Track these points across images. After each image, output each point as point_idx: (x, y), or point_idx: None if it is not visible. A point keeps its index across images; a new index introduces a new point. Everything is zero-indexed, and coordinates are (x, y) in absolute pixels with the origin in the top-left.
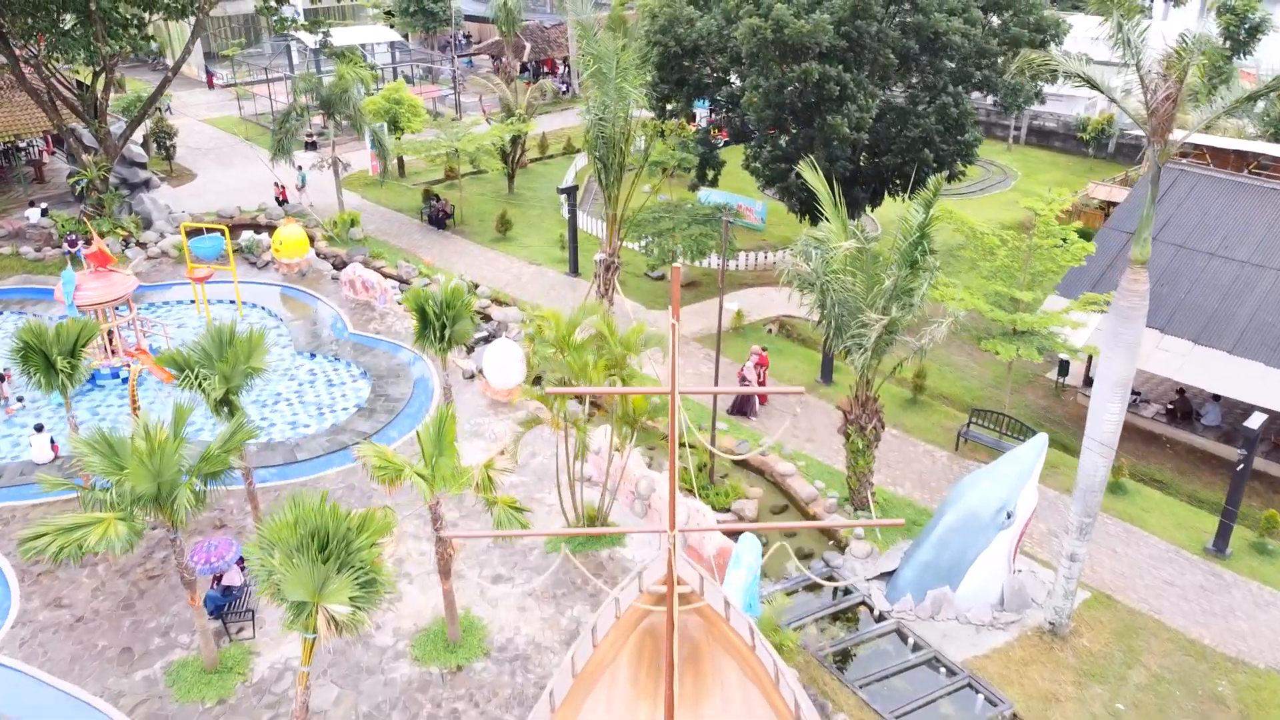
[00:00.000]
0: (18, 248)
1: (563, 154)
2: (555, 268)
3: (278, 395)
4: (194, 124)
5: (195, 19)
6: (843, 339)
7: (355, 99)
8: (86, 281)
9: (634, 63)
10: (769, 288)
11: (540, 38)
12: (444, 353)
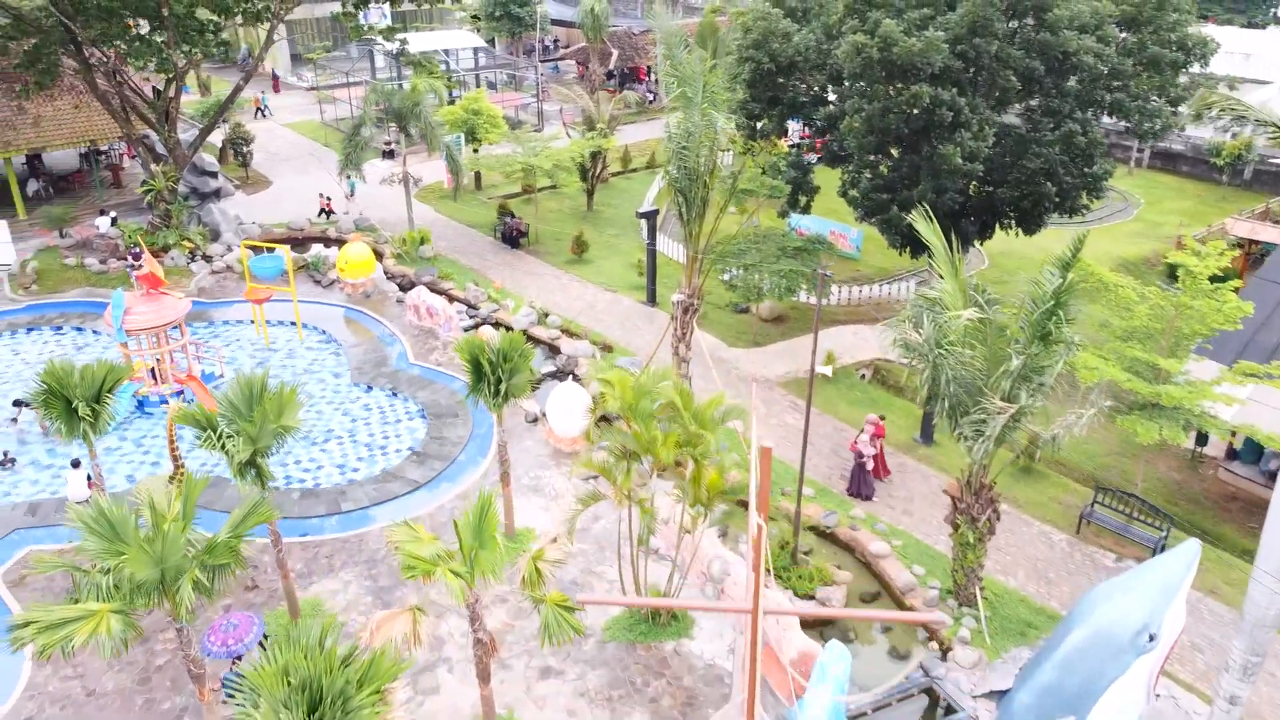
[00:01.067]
0: (83, 258)
1: (646, 169)
2: (632, 295)
3: (329, 432)
4: (275, 128)
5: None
6: (957, 421)
7: (427, 112)
8: (136, 305)
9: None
10: (862, 325)
11: (628, 44)
12: (499, 408)
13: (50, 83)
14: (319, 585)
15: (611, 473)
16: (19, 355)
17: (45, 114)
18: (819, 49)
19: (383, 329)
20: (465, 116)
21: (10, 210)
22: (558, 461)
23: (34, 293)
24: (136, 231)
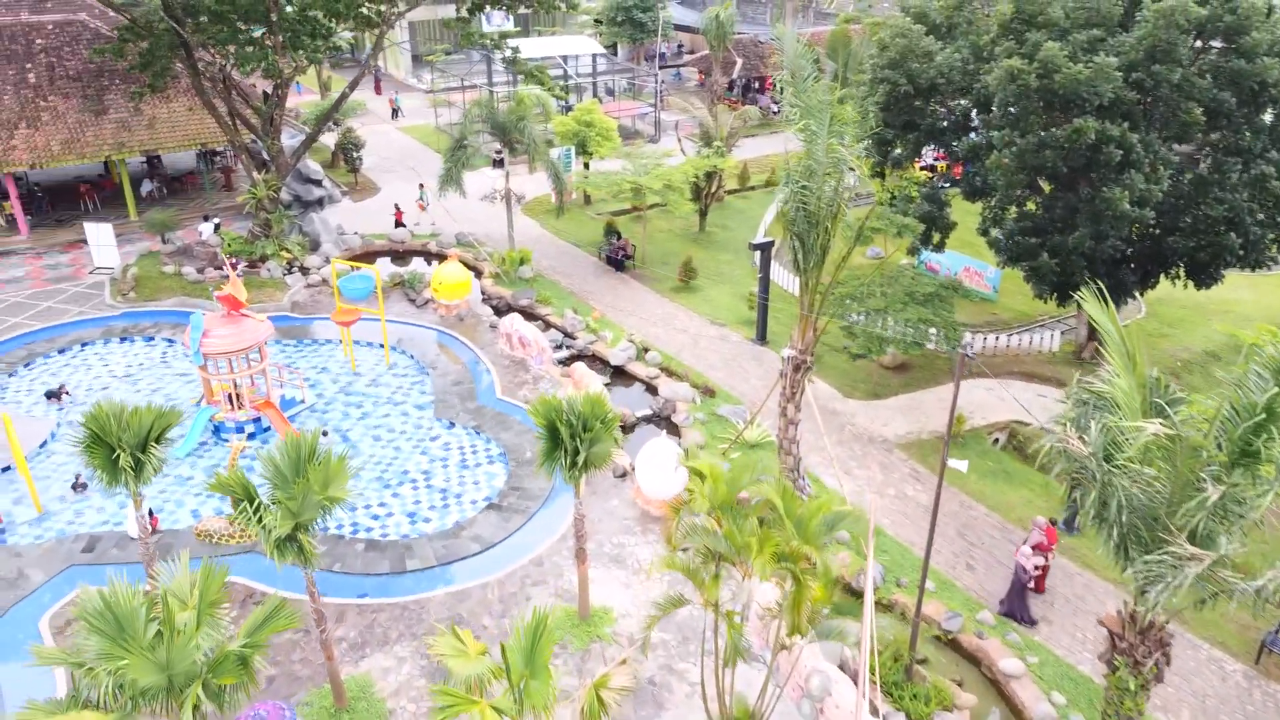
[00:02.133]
0: (181, 265)
1: (765, 187)
2: (741, 331)
3: (404, 474)
4: (389, 132)
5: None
6: (1128, 556)
7: (531, 128)
8: (214, 327)
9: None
10: (998, 379)
11: (753, 53)
12: (576, 480)
13: (163, 86)
14: (371, 660)
15: (698, 576)
16: (107, 366)
17: (160, 116)
18: (965, 70)
19: (473, 356)
20: (577, 128)
21: (123, 210)
22: (645, 527)
23: (131, 300)
24: (235, 240)
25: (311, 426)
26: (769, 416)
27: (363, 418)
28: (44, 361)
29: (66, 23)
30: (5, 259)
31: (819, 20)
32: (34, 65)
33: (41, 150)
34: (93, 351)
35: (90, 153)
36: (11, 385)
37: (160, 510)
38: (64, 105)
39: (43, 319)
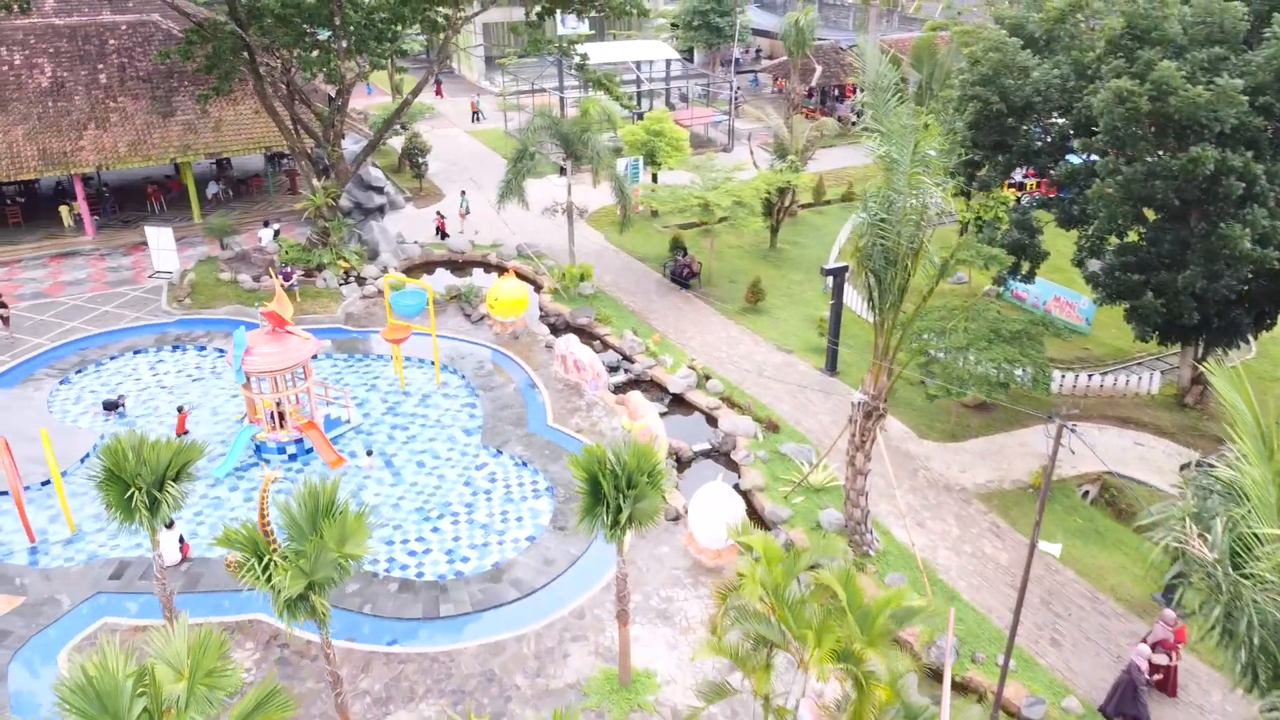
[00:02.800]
0: (237, 273)
1: (841, 201)
2: (809, 359)
3: (446, 505)
4: (458, 136)
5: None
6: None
7: (596, 140)
8: (258, 344)
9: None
10: (1090, 423)
11: (834, 60)
12: (619, 539)
13: (229, 89)
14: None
15: (747, 664)
16: (156, 377)
17: (227, 118)
18: (1064, 89)
19: (526, 378)
20: (645, 138)
21: (188, 212)
22: (696, 579)
23: (187, 306)
24: (293, 248)
25: (355, 449)
26: (837, 457)
27: (408, 441)
28: (95, 369)
29: (140, 23)
30: (70, 260)
31: (904, 26)
32: (106, 66)
33: (108, 151)
34: (144, 360)
35: (156, 155)
36: (62, 393)
37: (194, 536)
38: (133, 106)
39: (99, 324)
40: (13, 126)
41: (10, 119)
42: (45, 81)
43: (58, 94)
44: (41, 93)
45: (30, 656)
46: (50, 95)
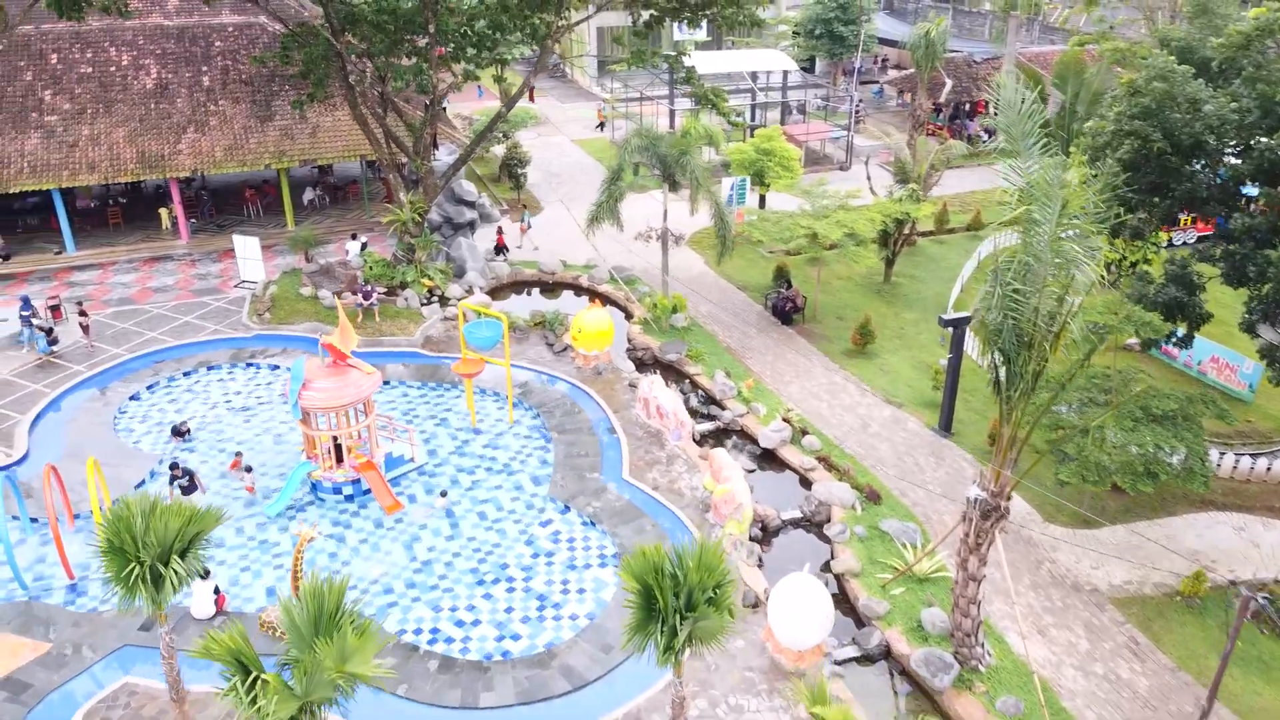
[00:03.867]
0: (319, 288)
1: (966, 231)
2: (921, 414)
3: (503, 568)
4: (564, 145)
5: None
6: None
7: (695, 166)
8: (316, 377)
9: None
10: (1250, 514)
11: (966, 74)
12: (677, 663)
13: (324, 95)
14: None
15: None
16: (226, 396)
17: (324, 124)
18: (1243, 126)
19: (604, 420)
20: (754, 157)
21: (283, 218)
22: (773, 684)
23: (266, 321)
24: (378, 263)
25: (416, 492)
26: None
27: (473, 487)
28: (167, 385)
29: (246, 25)
30: (161, 264)
31: (1045, 37)
32: (210, 68)
33: (205, 155)
34: (217, 377)
35: (251, 160)
36: (130, 410)
37: (235, 583)
38: (233, 110)
39: (178, 335)
40: (115, 128)
41: (113, 120)
42: (150, 83)
43: (161, 96)
44: (146, 94)
45: (45, 716)
46: (154, 97)
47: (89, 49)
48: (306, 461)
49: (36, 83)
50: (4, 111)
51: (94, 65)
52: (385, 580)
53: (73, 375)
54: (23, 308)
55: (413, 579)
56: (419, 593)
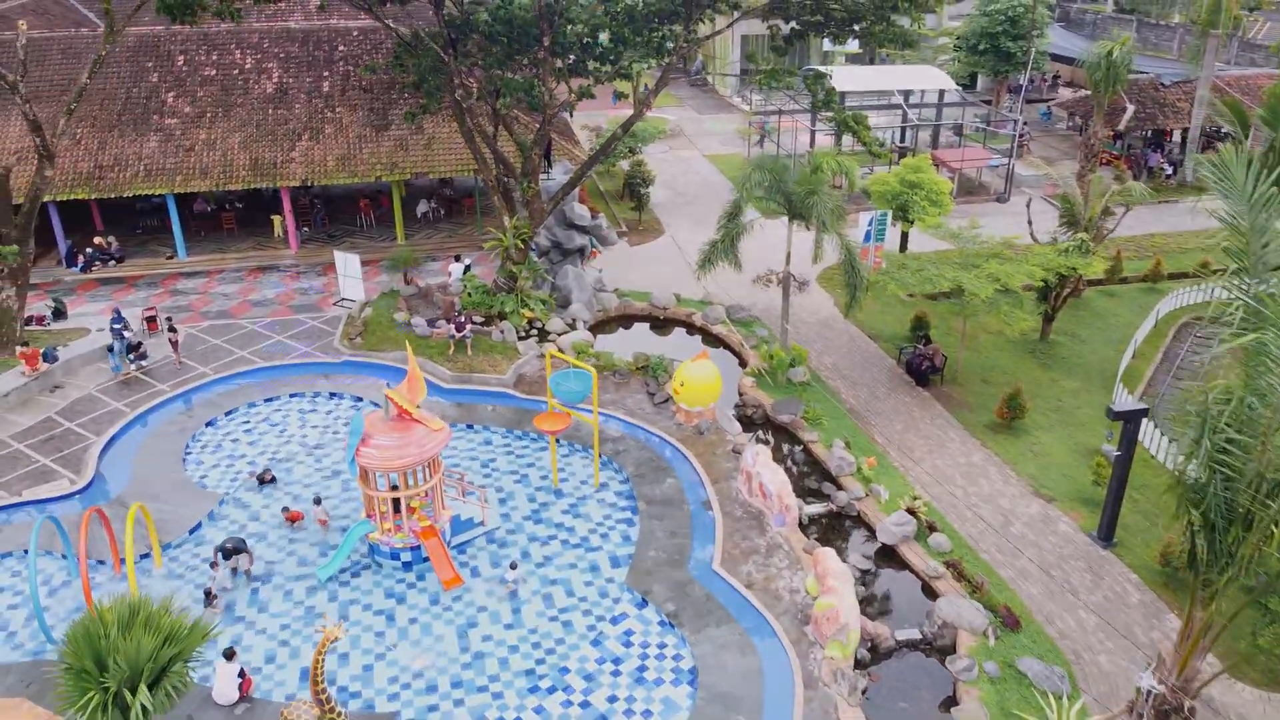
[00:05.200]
0: (414, 313)
1: (1143, 282)
2: (1077, 513)
3: (563, 673)
4: (695, 160)
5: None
6: None
7: (823, 208)
8: (377, 433)
9: None
10: None
11: (1151, 99)
12: None
13: (437, 107)
14: None
15: None
16: (303, 430)
17: (440, 136)
18: None
19: (700, 490)
20: (898, 189)
21: (392, 232)
22: None
23: (357, 346)
24: (478, 289)
25: (479, 563)
26: (1112, 695)
27: (544, 563)
28: (246, 411)
29: (371, 30)
30: (266, 275)
31: (1245, 55)
32: (331, 73)
33: (317, 165)
34: (298, 406)
35: (363, 171)
36: (204, 437)
37: (271, 658)
38: (349, 118)
39: (268, 355)
40: (231, 133)
41: (230, 125)
42: (270, 87)
43: (279, 101)
44: (265, 99)
45: None
46: (272, 102)
47: (215, 51)
48: (365, 521)
49: (161, 84)
50: (128, 113)
51: (218, 68)
52: (430, 674)
53: (155, 394)
54: (114, 320)
55: (460, 675)
56: (464, 693)
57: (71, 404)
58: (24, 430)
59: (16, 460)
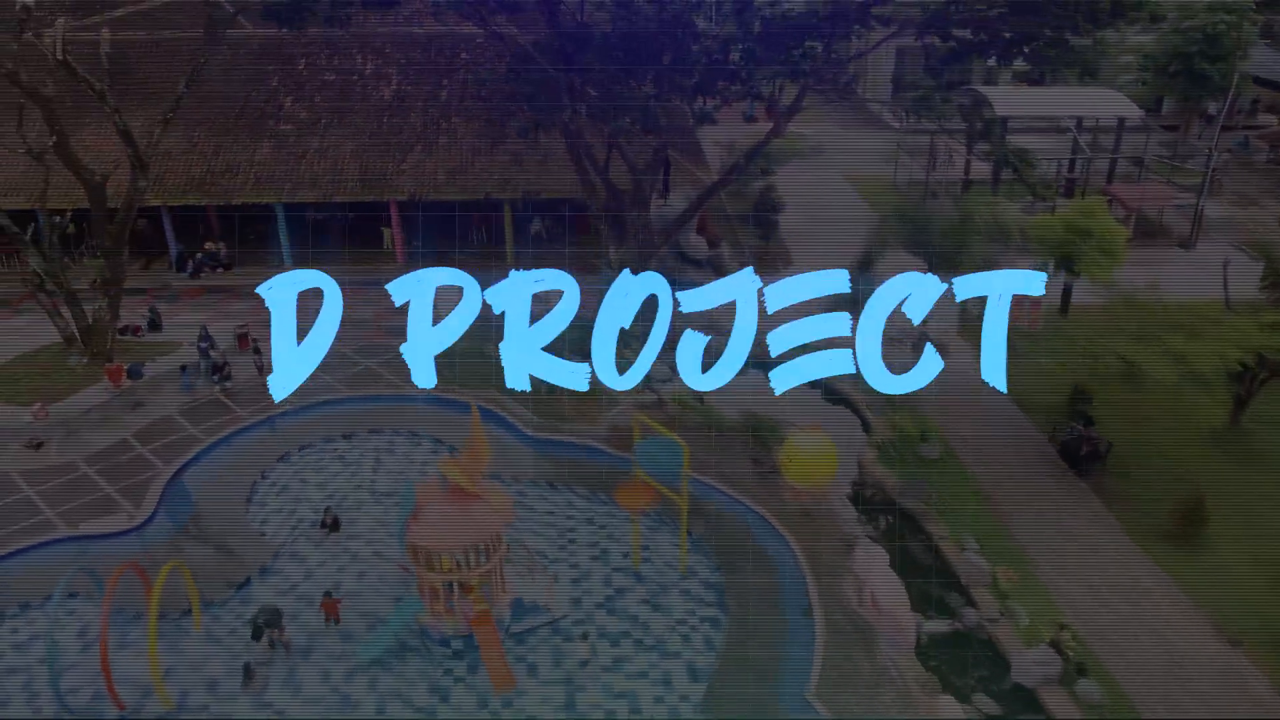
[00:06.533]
0: None
1: None
2: (1268, 666)
3: None
4: (835, 182)
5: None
6: None
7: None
8: (428, 508)
9: None
10: None
11: None
12: None
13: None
14: None
15: None
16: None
17: (557, 153)
18: None
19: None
20: (1064, 236)
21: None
22: None
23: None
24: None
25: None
26: None
27: (612, 666)
28: (321, 446)
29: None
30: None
31: None
32: (450, 82)
33: (427, 179)
34: (372, 446)
35: (473, 188)
36: (274, 474)
37: None
38: (464, 129)
39: (354, 384)
40: (344, 142)
41: (343, 133)
42: (388, 94)
43: (395, 110)
44: (381, 107)
45: None
46: (388, 110)
47: (336, 55)
48: (413, 601)
49: (280, 88)
50: (245, 117)
51: (338, 73)
52: None
53: (233, 420)
54: (200, 339)
55: None
56: None
57: (149, 425)
58: (97, 452)
59: (82, 486)
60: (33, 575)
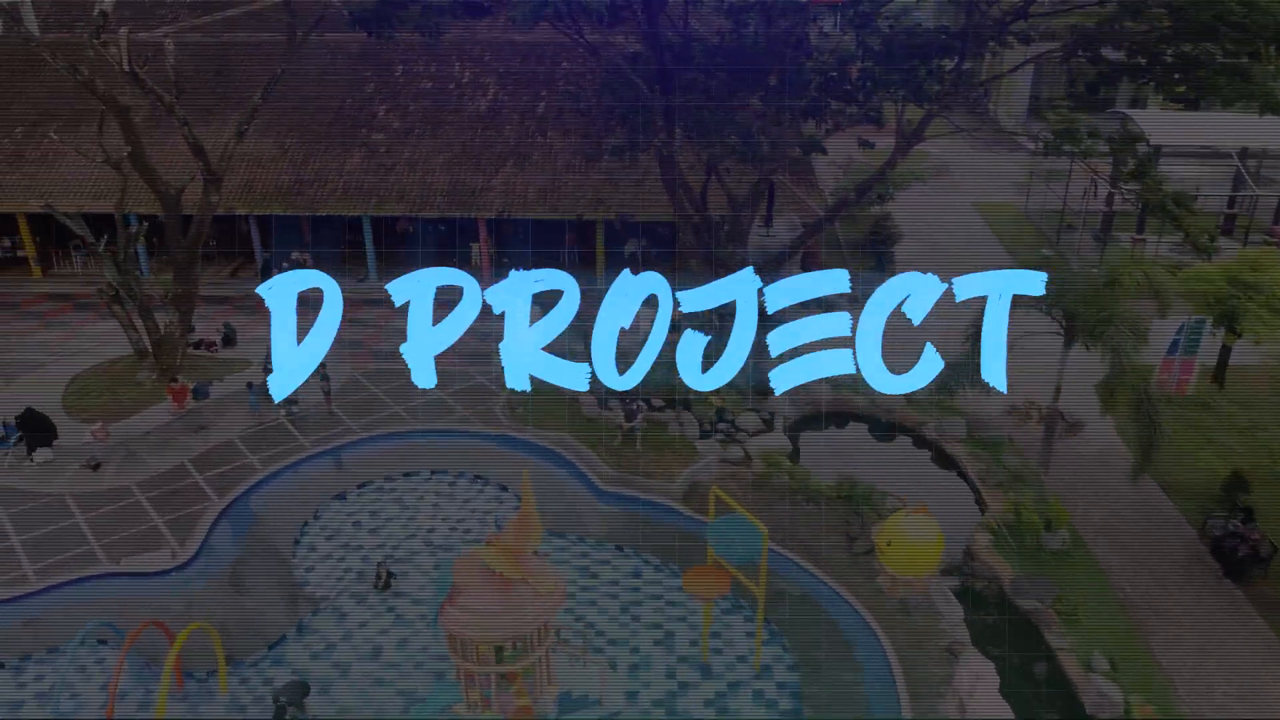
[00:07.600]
0: None
1: None
2: None
3: None
4: (960, 208)
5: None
6: None
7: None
8: (467, 590)
9: None
10: None
11: None
12: None
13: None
14: None
15: None
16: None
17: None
18: None
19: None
20: (1224, 290)
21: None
22: None
23: (518, 417)
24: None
25: None
26: None
27: None
28: (380, 485)
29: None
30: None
31: None
32: (549, 93)
33: (517, 195)
34: (434, 487)
35: (564, 207)
36: (327, 514)
37: None
38: (560, 143)
39: (423, 415)
40: (435, 154)
41: (436, 144)
42: (484, 105)
43: (490, 121)
44: (476, 118)
45: None
46: (482, 122)
47: (434, 62)
48: (453, 684)
49: (376, 95)
50: (339, 124)
51: (434, 80)
52: None
53: (294, 449)
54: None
55: None
56: None
57: (208, 451)
58: (151, 478)
59: (132, 516)
60: (60, 615)
